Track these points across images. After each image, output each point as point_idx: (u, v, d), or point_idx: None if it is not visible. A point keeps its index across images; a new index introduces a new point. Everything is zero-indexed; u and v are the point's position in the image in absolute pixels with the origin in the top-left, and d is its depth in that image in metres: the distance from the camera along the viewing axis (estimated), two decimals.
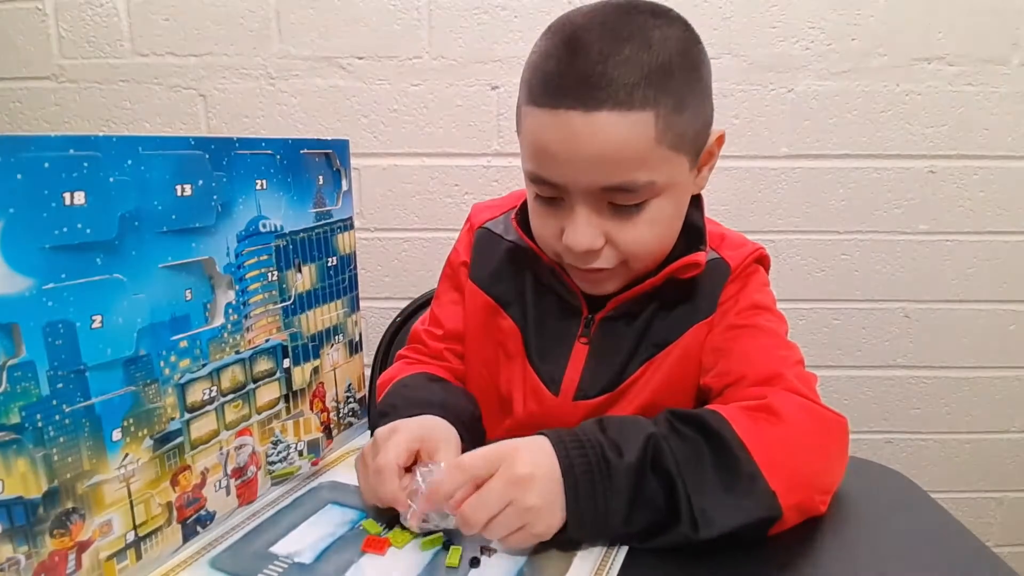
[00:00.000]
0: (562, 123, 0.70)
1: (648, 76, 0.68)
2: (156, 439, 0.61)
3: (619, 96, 0.68)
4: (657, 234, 0.78)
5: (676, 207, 0.79)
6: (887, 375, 1.61)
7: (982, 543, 0.68)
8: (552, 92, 0.70)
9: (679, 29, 0.73)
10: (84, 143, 0.52)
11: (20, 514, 0.50)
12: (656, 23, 0.71)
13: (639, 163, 0.71)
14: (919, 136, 1.47)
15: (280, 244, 0.74)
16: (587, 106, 0.68)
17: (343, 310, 0.85)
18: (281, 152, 0.73)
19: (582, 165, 0.71)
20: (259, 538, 0.67)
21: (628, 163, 0.71)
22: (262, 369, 0.73)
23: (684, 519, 0.62)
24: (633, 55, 0.68)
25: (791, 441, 0.68)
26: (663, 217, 0.77)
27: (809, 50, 1.44)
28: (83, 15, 1.44)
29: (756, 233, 1.51)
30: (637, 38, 0.69)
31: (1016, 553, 1.71)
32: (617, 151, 0.70)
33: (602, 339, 0.88)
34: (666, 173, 0.73)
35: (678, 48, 0.71)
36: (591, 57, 0.68)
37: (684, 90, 0.71)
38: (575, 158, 0.71)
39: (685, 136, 0.73)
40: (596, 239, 0.76)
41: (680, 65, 0.71)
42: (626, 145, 0.69)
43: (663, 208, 0.76)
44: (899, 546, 0.68)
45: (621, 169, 0.71)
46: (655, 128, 0.69)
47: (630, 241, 0.76)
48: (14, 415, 0.49)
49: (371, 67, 1.46)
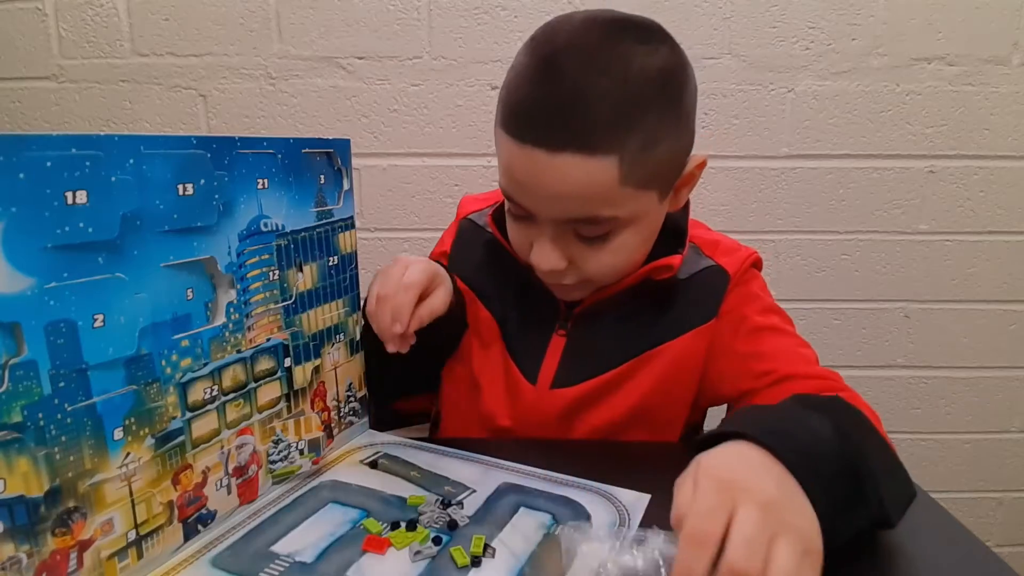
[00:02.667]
0: (527, 157, 0.70)
1: (616, 117, 0.67)
2: (157, 438, 0.61)
3: (582, 139, 0.67)
4: (621, 260, 0.79)
5: (642, 235, 0.79)
6: (887, 375, 1.61)
7: (982, 543, 0.69)
8: (520, 125, 0.70)
9: (663, 56, 0.71)
10: (86, 142, 0.52)
11: (22, 513, 0.50)
12: (639, 50, 0.70)
13: (602, 202, 0.72)
14: (919, 136, 1.48)
15: (281, 243, 0.74)
16: (550, 147, 0.68)
17: (344, 309, 0.85)
18: (282, 152, 0.73)
19: (546, 199, 0.73)
20: (260, 537, 0.67)
21: (591, 202, 0.71)
22: (263, 368, 0.73)
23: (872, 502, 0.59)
24: (605, 92, 0.67)
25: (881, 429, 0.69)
26: (628, 246, 0.78)
27: (809, 50, 1.44)
28: (83, 15, 1.44)
29: (756, 233, 1.51)
30: (614, 70, 0.68)
31: (1016, 553, 1.71)
32: (579, 191, 0.70)
33: (580, 332, 0.88)
34: (630, 209, 0.74)
35: (658, 81, 0.70)
36: (562, 91, 0.67)
37: (657, 126, 0.70)
38: (539, 192, 0.72)
39: (655, 173, 0.73)
40: (559, 262, 0.77)
41: (657, 99, 0.70)
42: (588, 187, 0.70)
43: (628, 238, 0.77)
44: (899, 546, 0.68)
45: (584, 206, 0.72)
46: (619, 171, 0.69)
47: (594, 267, 0.78)
48: (16, 414, 0.49)
49: (371, 67, 1.46)
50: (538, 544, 0.66)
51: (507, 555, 0.64)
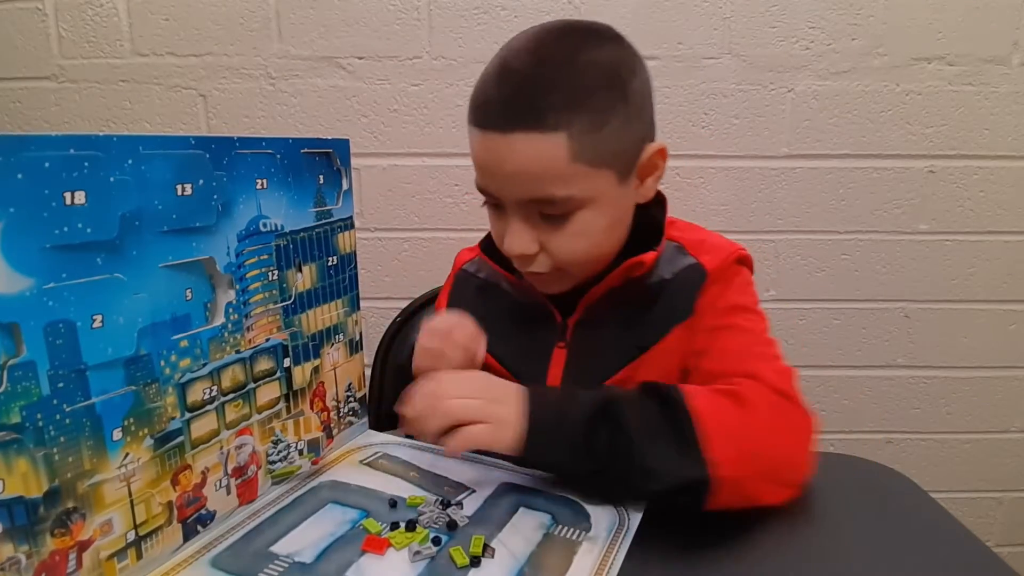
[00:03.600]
0: (487, 142, 0.77)
1: (563, 98, 0.74)
2: (156, 438, 0.61)
3: (532, 118, 0.73)
4: (587, 244, 0.82)
5: (608, 218, 0.82)
6: (887, 375, 1.61)
7: (982, 543, 0.69)
8: (480, 114, 0.79)
9: (609, 49, 0.79)
10: (85, 143, 0.52)
11: (21, 513, 0.50)
12: (586, 45, 0.77)
13: (556, 179, 0.76)
14: (919, 136, 1.47)
15: (280, 243, 0.74)
16: (504, 127, 0.75)
17: (343, 309, 0.85)
18: (281, 152, 0.73)
19: (506, 180, 0.78)
20: (259, 537, 0.67)
21: (545, 179, 0.76)
22: (262, 368, 0.73)
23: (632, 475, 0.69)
24: (552, 78, 0.74)
25: (746, 424, 0.71)
26: (592, 227, 0.81)
27: (809, 50, 1.44)
28: (83, 15, 1.44)
29: (756, 233, 1.51)
30: (560, 61, 0.75)
31: (1016, 553, 1.71)
32: (533, 168, 0.75)
33: (579, 343, 0.91)
34: (586, 187, 0.77)
35: (603, 70, 0.76)
36: (512, 81, 0.76)
37: (604, 110, 0.76)
38: (500, 174, 0.78)
39: (606, 152, 0.77)
40: (529, 245, 0.81)
41: (602, 86, 0.76)
42: (540, 163, 0.75)
43: (591, 219, 0.80)
44: (899, 546, 0.68)
45: (540, 184, 0.76)
46: (568, 147, 0.74)
47: (560, 249, 0.81)
48: (15, 415, 0.49)
49: (371, 67, 1.46)
50: (538, 544, 0.66)
51: (506, 555, 0.64)
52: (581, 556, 0.64)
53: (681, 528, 0.70)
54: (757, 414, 0.72)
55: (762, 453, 0.70)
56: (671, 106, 1.46)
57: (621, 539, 0.67)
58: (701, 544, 0.68)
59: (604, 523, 0.70)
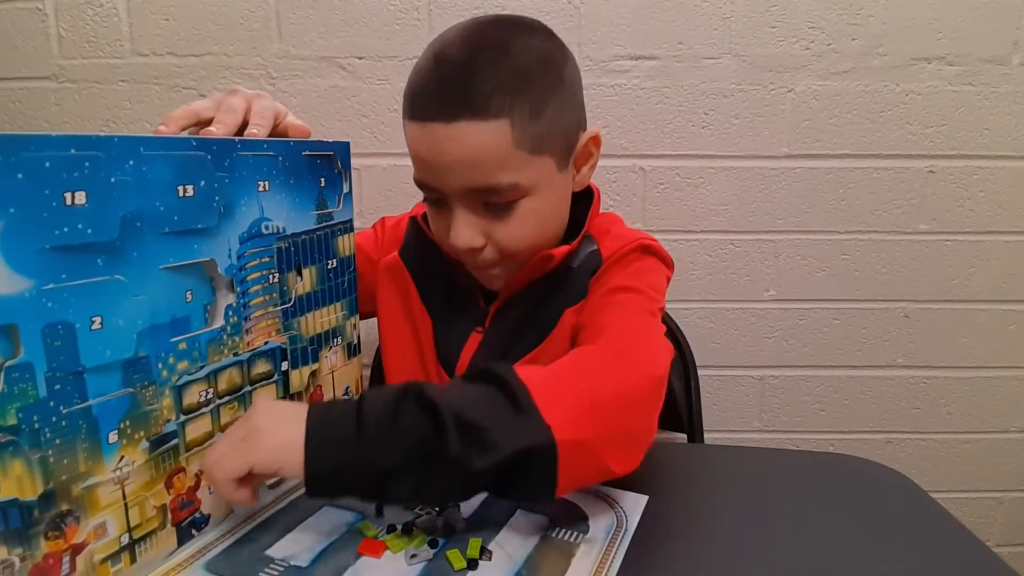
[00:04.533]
0: (428, 134, 0.77)
1: (503, 84, 0.74)
2: (152, 441, 0.60)
3: (474, 106, 0.74)
4: (531, 230, 0.83)
5: (549, 205, 0.84)
6: (887, 375, 1.61)
7: (982, 543, 0.69)
8: (419, 106, 0.78)
9: (540, 38, 0.80)
10: (85, 143, 0.52)
11: (15, 516, 0.50)
12: (517, 33, 0.79)
13: (500, 166, 0.77)
14: (919, 136, 1.47)
15: (282, 246, 0.74)
16: (446, 117, 0.75)
17: (342, 313, 0.85)
18: (283, 154, 0.73)
19: (450, 171, 0.78)
20: (254, 541, 0.67)
21: (490, 167, 0.77)
22: (260, 372, 0.73)
23: (453, 443, 0.60)
24: (490, 65, 0.75)
25: (578, 384, 0.67)
26: (536, 215, 0.82)
27: (809, 50, 1.44)
28: (83, 15, 1.43)
29: (756, 233, 1.51)
30: (495, 48, 0.76)
31: (1016, 553, 1.71)
32: (477, 156, 0.76)
33: (494, 330, 0.94)
34: (530, 175, 0.79)
35: (537, 56, 0.78)
36: (450, 70, 0.76)
37: (543, 95, 0.77)
38: (443, 165, 0.78)
39: (546, 139, 0.79)
40: (475, 238, 0.82)
41: (538, 71, 0.77)
42: (485, 151, 0.75)
43: (534, 207, 0.81)
44: (899, 546, 0.68)
45: (484, 173, 0.77)
46: (511, 134, 0.75)
47: (506, 238, 0.82)
48: (11, 417, 0.49)
49: (371, 67, 1.46)
50: (535, 546, 0.66)
51: (504, 558, 0.64)
52: (579, 558, 0.64)
53: (679, 529, 0.70)
54: (590, 373, 0.69)
55: (600, 412, 0.66)
56: (671, 106, 1.46)
57: (619, 541, 0.67)
58: (699, 545, 0.68)
59: (602, 525, 0.70)
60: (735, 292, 1.54)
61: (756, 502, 0.77)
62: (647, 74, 1.44)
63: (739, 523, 0.72)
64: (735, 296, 1.54)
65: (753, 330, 1.57)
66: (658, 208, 1.50)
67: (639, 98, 1.45)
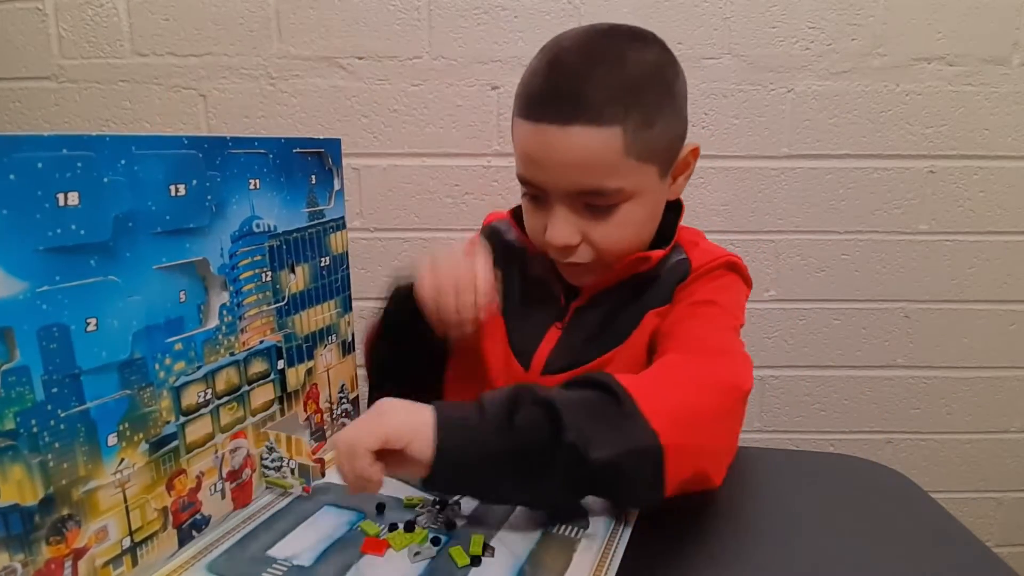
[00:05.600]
0: (542, 134, 0.78)
1: (618, 94, 0.76)
2: (151, 443, 0.60)
3: (590, 112, 0.76)
4: (628, 234, 0.85)
5: (647, 211, 0.86)
6: (887, 375, 1.61)
7: (982, 543, 0.68)
8: (534, 107, 0.80)
9: (655, 51, 0.82)
10: (77, 143, 0.52)
11: (16, 522, 0.50)
12: (633, 45, 0.80)
13: (609, 171, 0.79)
14: (919, 136, 1.47)
15: (274, 244, 0.74)
16: (561, 121, 0.77)
17: (336, 310, 0.85)
18: (274, 151, 0.73)
19: (559, 171, 0.80)
20: (256, 541, 0.66)
21: (599, 171, 0.79)
22: (256, 371, 0.73)
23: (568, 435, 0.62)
24: (606, 74, 0.77)
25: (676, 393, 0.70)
26: (634, 219, 0.84)
27: (809, 50, 1.44)
28: (83, 15, 1.44)
29: (756, 233, 1.51)
30: (612, 59, 0.78)
31: (1016, 553, 1.71)
32: (588, 160, 0.78)
33: (574, 326, 0.94)
34: (634, 181, 0.81)
35: (651, 68, 0.80)
36: (568, 76, 0.78)
37: (654, 107, 0.79)
38: (553, 165, 0.80)
39: (654, 149, 0.81)
40: (573, 236, 0.83)
41: (651, 84, 0.79)
42: (596, 155, 0.77)
43: (634, 211, 0.83)
44: (899, 546, 0.68)
45: (592, 176, 0.79)
46: (623, 141, 0.77)
47: (603, 239, 0.84)
48: (9, 421, 0.48)
49: (371, 67, 1.46)
50: (537, 543, 0.66)
51: (506, 554, 0.64)
52: (580, 553, 0.64)
53: (679, 525, 0.70)
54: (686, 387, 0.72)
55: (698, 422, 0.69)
56: None
57: (619, 536, 0.67)
58: (699, 541, 0.68)
59: (602, 520, 0.70)
60: None
61: (756, 502, 0.77)
62: None
63: (739, 522, 0.72)
64: None
65: (753, 330, 1.57)
66: None
67: None
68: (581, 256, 0.86)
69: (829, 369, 1.60)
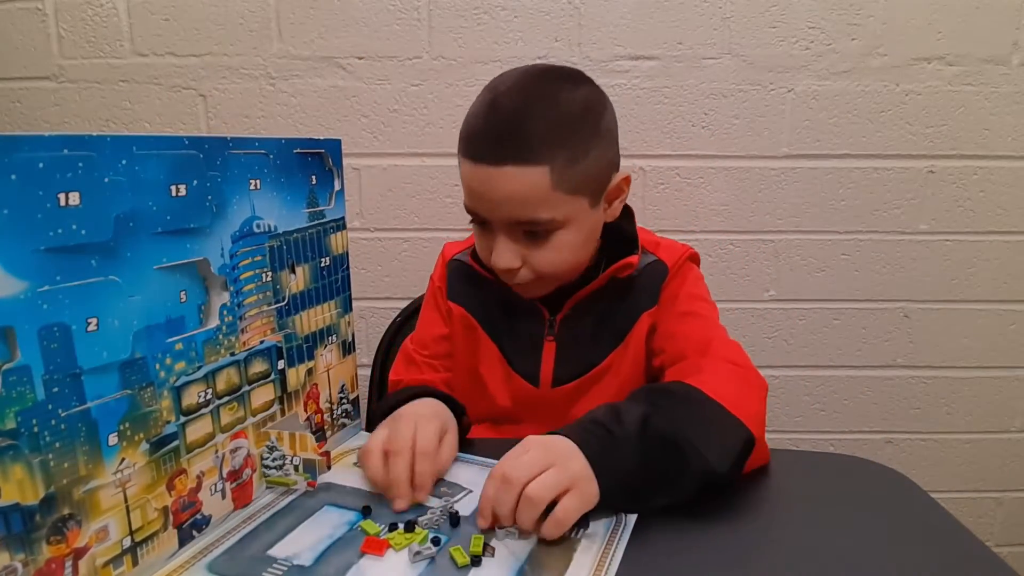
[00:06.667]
0: (480, 173, 0.86)
1: (547, 136, 0.83)
2: (152, 443, 0.60)
3: (521, 154, 0.82)
4: (565, 257, 0.92)
5: (581, 236, 0.92)
6: (887, 375, 1.61)
7: (982, 543, 0.68)
8: (473, 148, 0.87)
9: (583, 92, 0.88)
10: (78, 143, 0.52)
11: (17, 521, 0.50)
12: (564, 87, 0.87)
13: (540, 205, 0.85)
14: (919, 136, 1.47)
15: (274, 244, 0.74)
16: (496, 161, 0.83)
17: (336, 311, 0.85)
18: (274, 152, 0.73)
19: (497, 205, 0.87)
20: (256, 541, 0.67)
21: (531, 205, 0.85)
22: (257, 371, 0.73)
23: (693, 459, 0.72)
24: (536, 117, 0.83)
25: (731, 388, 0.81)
26: (569, 244, 0.91)
27: (809, 50, 1.44)
28: (83, 15, 1.44)
29: (756, 233, 1.51)
30: (544, 101, 0.85)
31: (1016, 553, 1.71)
32: (521, 196, 0.84)
33: (566, 335, 1.02)
34: (565, 211, 0.87)
35: (579, 109, 0.86)
36: (502, 120, 0.84)
37: (581, 145, 0.85)
38: (491, 200, 0.87)
39: (582, 182, 0.87)
40: (514, 260, 0.90)
41: (579, 124, 0.86)
42: (527, 191, 0.84)
43: (568, 237, 0.90)
44: (899, 546, 0.68)
45: (526, 209, 0.86)
46: (551, 178, 0.83)
47: (541, 263, 0.91)
48: (10, 420, 0.48)
49: (371, 67, 1.46)
50: (537, 543, 0.66)
51: (507, 554, 0.64)
52: (580, 553, 0.64)
53: (678, 525, 0.70)
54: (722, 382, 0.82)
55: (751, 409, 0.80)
56: (671, 106, 1.46)
57: (619, 537, 0.68)
58: (698, 541, 0.68)
59: (601, 521, 0.70)
60: (735, 292, 1.54)
61: (756, 502, 0.77)
62: (647, 74, 1.45)
63: (738, 522, 0.72)
64: (735, 296, 1.55)
65: (753, 330, 1.57)
66: (658, 208, 1.50)
67: (639, 98, 1.45)
68: (523, 278, 0.92)
69: (829, 369, 1.60)
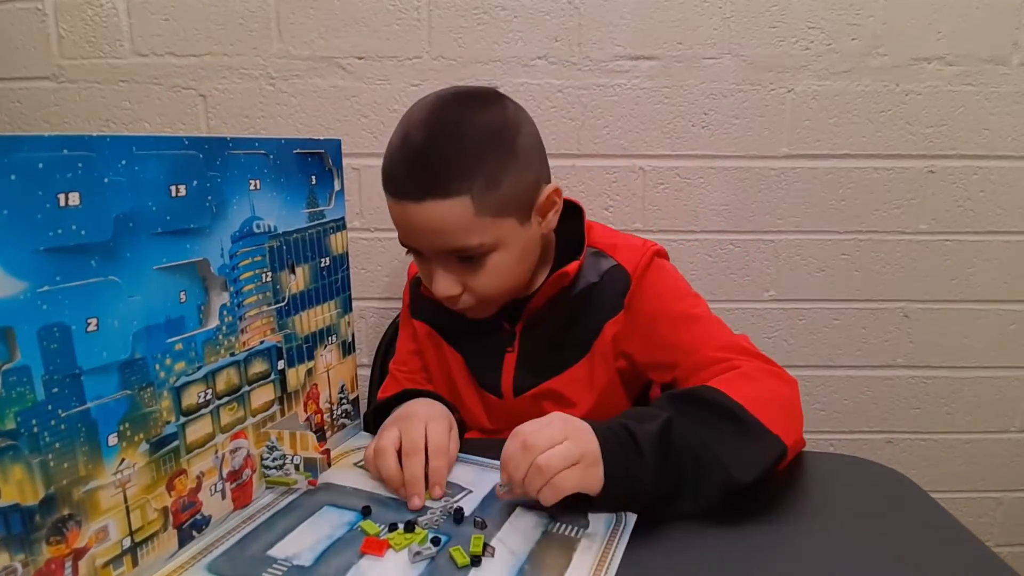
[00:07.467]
0: (403, 209, 0.87)
1: (460, 166, 0.84)
2: (152, 443, 0.60)
3: (438, 188, 0.83)
4: (503, 277, 0.93)
5: (516, 255, 0.93)
6: (887, 375, 1.61)
7: (982, 543, 0.68)
8: (393, 187, 0.88)
9: (493, 113, 0.89)
10: (78, 143, 0.52)
11: (16, 522, 0.50)
12: (474, 112, 0.88)
13: (466, 232, 0.86)
14: (919, 136, 1.47)
15: (274, 245, 0.74)
16: (415, 197, 0.84)
17: (336, 311, 0.85)
18: (274, 152, 0.73)
19: (425, 237, 0.88)
20: (256, 541, 0.67)
21: (457, 234, 0.86)
22: (256, 371, 0.73)
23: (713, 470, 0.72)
24: (446, 148, 0.84)
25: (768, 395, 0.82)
26: (505, 264, 0.92)
27: (809, 50, 1.43)
28: (83, 15, 1.43)
29: (756, 233, 1.51)
30: (453, 132, 0.85)
31: (1016, 553, 1.71)
32: (446, 227, 0.85)
33: (526, 347, 1.04)
34: (494, 234, 0.88)
35: (489, 133, 0.87)
36: (415, 156, 0.85)
37: (498, 168, 0.86)
38: (418, 233, 0.88)
39: (505, 203, 0.88)
40: (453, 287, 0.91)
41: (491, 148, 0.86)
42: (451, 222, 0.85)
43: (503, 258, 0.91)
44: (899, 546, 0.68)
45: (453, 239, 0.87)
46: (472, 206, 0.84)
47: (480, 286, 0.92)
48: (9, 421, 0.49)
49: (371, 67, 1.46)
50: (537, 542, 0.66)
51: (507, 554, 0.64)
52: (580, 553, 0.65)
53: (678, 526, 0.70)
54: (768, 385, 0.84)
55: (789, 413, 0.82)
56: (671, 106, 1.46)
57: (619, 535, 0.68)
58: (698, 541, 0.68)
59: (602, 520, 0.70)
60: (735, 292, 1.54)
61: (756, 501, 0.77)
62: (647, 74, 1.44)
63: (738, 522, 0.72)
64: (735, 296, 1.54)
65: (753, 330, 1.57)
66: (658, 208, 1.50)
67: (639, 98, 1.45)
68: (465, 303, 0.94)
69: (829, 369, 1.60)
